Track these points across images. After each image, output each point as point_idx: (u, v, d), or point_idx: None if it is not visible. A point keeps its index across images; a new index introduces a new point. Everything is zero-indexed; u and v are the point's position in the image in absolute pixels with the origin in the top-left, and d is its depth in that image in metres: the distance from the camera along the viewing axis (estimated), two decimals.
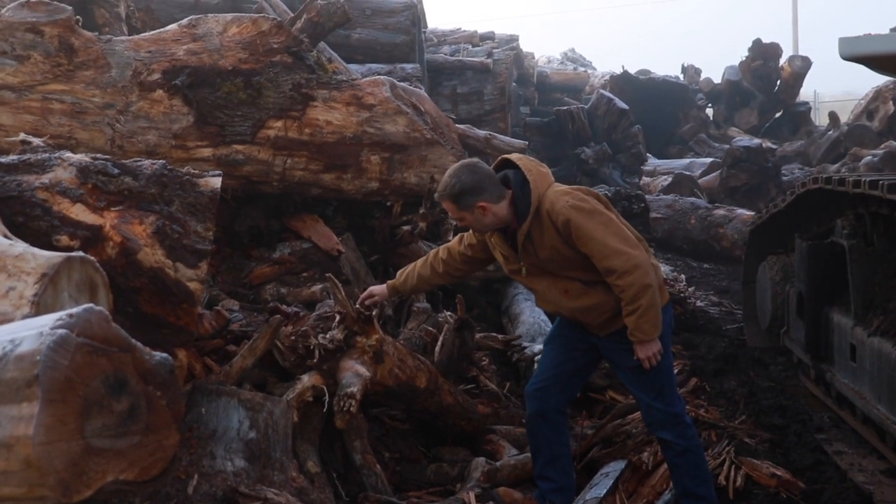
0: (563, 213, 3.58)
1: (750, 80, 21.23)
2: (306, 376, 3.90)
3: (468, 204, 3.69)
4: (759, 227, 6.90)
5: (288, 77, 5.45)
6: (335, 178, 5.60)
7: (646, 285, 3.55)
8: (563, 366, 3.98)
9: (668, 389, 3.81)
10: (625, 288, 3.56)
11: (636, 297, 3.56)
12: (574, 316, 3.82)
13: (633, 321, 3.59)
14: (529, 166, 3.75)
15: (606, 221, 3.62)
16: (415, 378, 4.26)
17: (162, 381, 1.86)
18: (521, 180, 3.71)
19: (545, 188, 3.69)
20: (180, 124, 5.19)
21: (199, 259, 3.34)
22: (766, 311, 6.56)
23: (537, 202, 3.64)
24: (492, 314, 7.32)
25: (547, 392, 3.96)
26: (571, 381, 4.03)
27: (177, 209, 3.38)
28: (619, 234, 3.61)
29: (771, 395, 5.70)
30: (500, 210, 3.71)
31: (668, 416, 3.79)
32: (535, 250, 3.70)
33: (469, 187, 3.68)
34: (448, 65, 13.20)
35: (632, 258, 3.56)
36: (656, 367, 3.71)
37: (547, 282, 3.80)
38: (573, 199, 3.62)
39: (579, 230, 3.57)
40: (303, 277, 5.48)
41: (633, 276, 3.54)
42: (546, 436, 3.97)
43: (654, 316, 3.59)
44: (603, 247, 3.57)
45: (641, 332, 3.60)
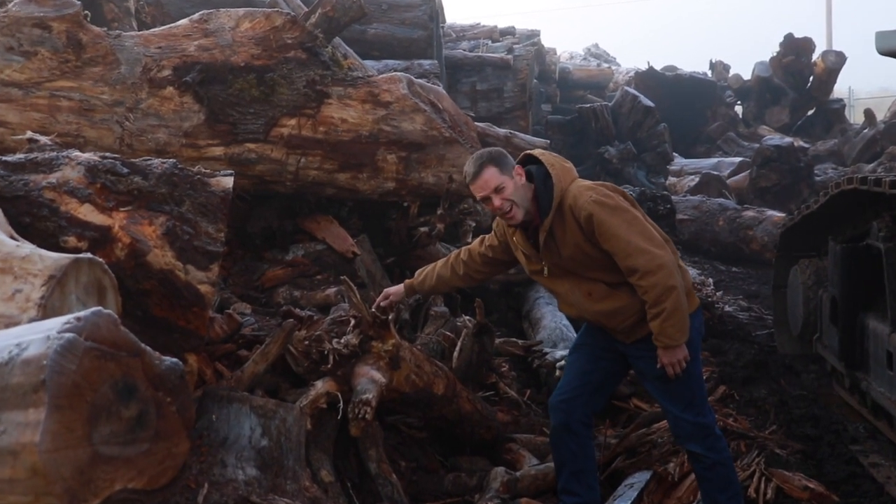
0: (585, 208, 3.56)
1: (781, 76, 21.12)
2: (320, 382, 3.91)
3: (508, 166, 3.67)
4: (790, 229, 6.85)
5: (302, 73, 5.46)
6: (350, 177, 5.60)
7: (670, 287, 3.51)
8: (588, 375, 3.95)
9: (698, 400, 3.77)
10: (648, 289, 3.53)
11: (660, 300, 3.52)
12: (598, 320, 3.80)
13: (658, 325, 3.56)
14: (552, 161, 3.74)
15: (631, 219, 3.60)
16: (432, 385, 4.26)
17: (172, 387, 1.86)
18: (543, 175, 3.70)
19: (568, 183, 3.67)
20: (191, 122, 5.21)
21: (211, 261, 3.35)
22: (797, 317, 6.52)
23: (560, 197, 3.63)
24: (512, 319, 7.31)
25: (572, 403, 3.94)
26: (597, 391, 4.00)
27: (187, 210, 3.39)
28: (643, 233, 3.58)
29: (803, 405, 5.66)
30: (529, 192, 3.69)
31: (697, 427, 3.75)
32: (558, 248, 3.68)
33: (501, 153, 3.71)
34: (467, 61, 13.20)
35: (656, 257, 3.52)
36: (685, 376, 3.67)
37: (569, 284, 3.78)
38: (596, 195, 3.60)
39: (602, 226, 3.55)
40: (317, 280, 5.49)
41: (656, 277, 3.51)
42: (571, 449, 3.94)
43: (679, 320, 3.55)
44: (626, 244, 3.54)
45: (666, 336, 3.56)
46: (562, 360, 5.38)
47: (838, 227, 6.06)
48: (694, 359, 3.70)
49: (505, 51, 13.84)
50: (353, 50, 8.70)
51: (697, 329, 3.75)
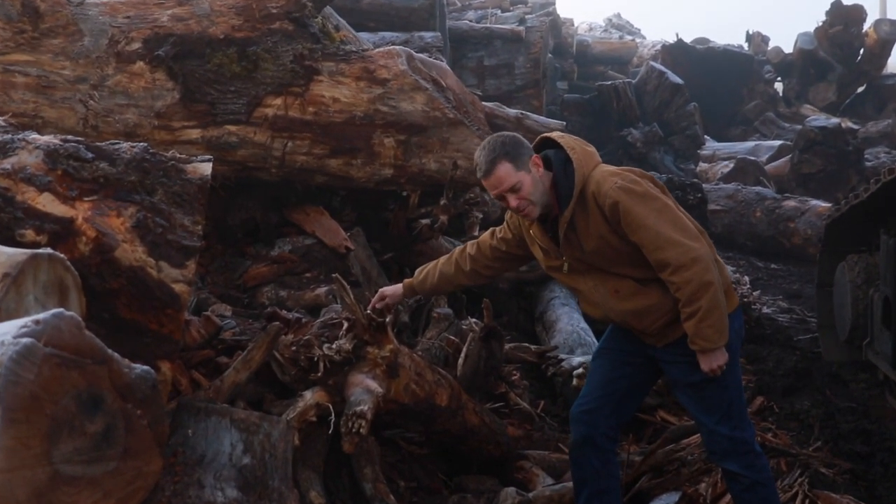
0: (610, 195, 3.54)
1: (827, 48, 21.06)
2: (309, 393, 3.90)
3: (524, 160, 3.65)
4: (836, 220, 6.83)
5: (289, 47, 5.45)
6: (343, 163, 5.60)
7: (706, 282, 3.49)
8: (614, 384, 3.93)
9: (736, 412, 3.75)
10: (681, 285, 3.51)
11: (695, 297, 3.50)
12: (626, 321, 3.78)
13: (693, 326, 3.54)
14: (572, 144, 3.72)
15: (661, 207, 3.58)
16: (434, 395, 4.25)
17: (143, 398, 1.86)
18: (563, 160, 3.69)
19: (590, 168, 3.65)
20: (164, 101, 5.21)
21: (186, 257, 3.34)
22: (845, 320, 6.50)
23: (581, 184, 3.61)
24: (524, 321, 7.31)
25: (595, 415, 3.92)
26: (624, 401, 3.98)
27: (160, 199, 3.39)
28: (675, 223, 3.56)
29: (851, 418, 5.65)
30: (547, 179, 3.68)
31: (735, 443, 3.73)
32: (580, 241, 3.67)
33: (517, 142, 3.68)
34: (473, 33, 13.19)
35: (690, 250, 3.50)
36: (722, 385, 3.65)
37: (593, 281, 3.76)
38: (622, 181, 3.59)
39: (629, 215, 3.53)
40: (305, 278, 5.49)
41: (690, 272, 3.48)
42: (593, 466, 3.93)
43: (717, 319, 3.53)
44: (656, 236, 3.52)
45: (703, 338, 3.54)
46: (579, 368, 5.38)
47: (891, 218, 6.05)
48: (732, 365, 3.67)
49: (516, 21, 13.83)
50: (345, 21, 8.69)
51: (737, 332, 3.73)
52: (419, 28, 10.77)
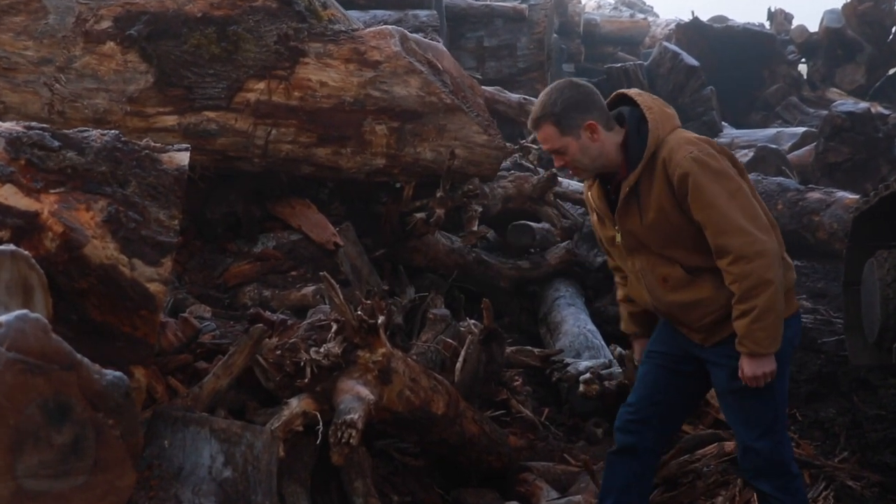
0: (682, 165, 3.49)
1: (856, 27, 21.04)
2: (295, 400, 3.90)
3: (573, 124, 3.62)
4: (865, 213, 6.84)
5: (272, 27, 5.45)
6: (331, 153, 5.60)
7: (767, 280, 3.44)
8: (663, 394, 3.93)
9: (778, 428, 3.72)
10: (739, 278, 3.47)
11: (751, 294, 3.46)
12: (672, 314, 3.77)
13: (745, 326, 3.50)
14: (650, 104, 3.69)
15: (735, 189, 3.52)
16: (430, 402, 4.26)
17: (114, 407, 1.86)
18: (638, 119, 3.66)
19: (667, 131, 3.61)
20: (137, 85, 5.20)
21: (162, 254, 3.34)
22: (874, 320, 6.50)
23: (654, 147, 3.57)
24: (526, 323, 7.32)
25: (643, 426, 3.93)
26: (673, 414, 4.00)
27: (133, 192, 3.38)
28: (747, 209, 3.51)
29: (881, 427, 5.66)
30: (610, 143, 3.66)
31: (771, 462, 3.71)
32: (640, 210, 3.63)
33: (574, 102, 3.64)
34: (472, 11, 13.18)
35: (756, 242, 3.45)
36: (768, 397, 3.63)
37: (641, 262, 3.74)
38: (699, 152, 3.53)
39: (698, 191, 3.48)
40: (291, 277, 5.49)
41: (752, 265, 3.44)
42: (626, 477, 3.94)
43: (772, 323, 3.49)
44: (722, 219, 3.47)
45: (753, 341, 3.50)
46: (586, 373, 5.39)
47: None
48: (780, 375, 3.64)
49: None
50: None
51: (790, 339, 3.68)
52: (413, 6, 10.76)
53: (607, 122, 3.67)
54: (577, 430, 5.53)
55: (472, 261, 7.02)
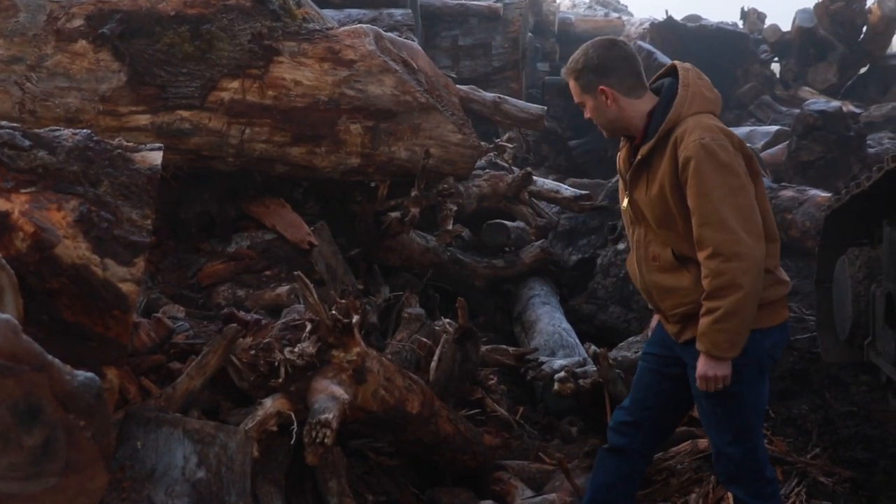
0: (689, 148, 3.48)
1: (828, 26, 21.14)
2: (269, 400, 3.89)
3: (590, 85, 3.72)
4: (837, 211, 6.87)
5: (246, 25, 5.43)
6: (306, 152, 5.59)
7: (737, 284, 3.41)
8: (657, 398, 3.92)
9: (750, 435, 3.71)
10: (711, 274, 3.44)
11: (719, 293, 3.44)
12: (650, 295, 3.78)
13: (706, 324, 3.49)
14: (689, 81, 3.70)
15: (736, 187, 3.48)
16: (405, 402, 4.25)
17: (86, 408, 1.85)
18: (672, 92, 3.68)
19: (691, 111, 3.61)
20: (110, 84, 5.18)
21: (135, 254, 3.32)
22: (845, 318, 6.54)
23: (673, 123, 3.58)
24: (501, 321, 7.33)
25: (636, 429, 3.94)
26: (666, 418, 4.00)
27: (105, 192, 3.37)
28: (742, 210, 3.47)
29: (852, 423, 5.69)
30: (632, 109, 3.70)
31: (744, 468, 3.71)
32: (648, 182, 3.65)
33: (594, 64, 3.72)
34: (447, 10, 13.17)
35: (739, 243, 3.42)
36: (740, 403, 3.62)
37: (640, 234, 3.76)
38: (710, 139, 3.50)
39: (697, 177, 3.46)
40: (265, 277, 5.47)
41: (727, 265, 3.42)
42: (612, 477, 3.96)
43: (734, 328, 3.47)
44: (711, 211, 3.45)
45: (710, 341, 3.49)
46: (561, 372, 5.39)
47: (895, 208, 6.09)
48: (756, 383, 3.64)
49: None
50: None
51: (768, 351, 3.66)
52: (388, 5, 10.74)
53: (630, 89, 3.71)
54: (552, 429, 5.54)
55: (447, 260, 7.03)
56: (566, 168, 12.83)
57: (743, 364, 3.58)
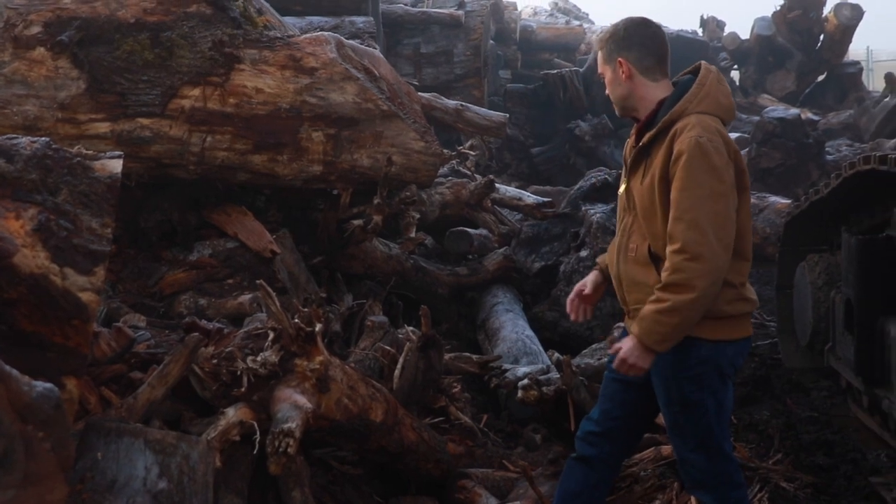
0: (685, 142, 3.49)
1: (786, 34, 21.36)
2: (232, 410, 3.88)
3: (611, 55, 3.76)
4: (796, 218, 6.94)
5: (207, 33, 5.41)
6: (267, 160, 5.57)
7: (692, 286, 3.42)
8: (621, 409, 3.91)
9: (717, 439, 3.71)
10: (671, 268, 3.45)
11: (673, 288, 3.44)
12: (618, 283, 3.78)
13: (648, 311, 3.50)
14: (707, 80, 3.70)
15: (718, 193, 3.48)
16: (369, 410, 4.24)
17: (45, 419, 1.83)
18: (686, 87, 3.69)
19: (698, 109, 3.61)
20: (68, 92, 5.14)
21: (94, 263, 3.30)
22: (805, 324, 6.60)
23: (676, 115, 3.58)
24: (465, 329, 7.33)
25: (603, 440, 3.92)
26: (635, 427, 3.99)
27: (65, 200, 3.34)
28: (717, 217, 3.46)
29: (813, 428, 5.74)
30: (644, 89, 3.72)
31: (708, 474, 3.72)
32: (644, 171, 3.66)
33: (620, 35, 3.75)
34: (409, 18, 13.20)
35: (706, 246, 3.42)
36: (701, 410, 3.63)
37: (627, 222, 3.76)
38: (708, 139, 3.50)
39: (684, 171, 3.46)
40: (227, 285, 5.45)
41: (689, 264, 3.42)
42: (579, 485, 3.93)
43: (672, 325, 3.48)
44: (687, 208, 3.45)
45: (646, 330, 3.51)
46: (525, 379, 5.40)
47: (853, 215, 6.15)
48: (718, 390, 3.66)
49: (455, 5, 13.84)
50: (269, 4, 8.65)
51: (730, 359, 3.68)
52: (350, 12, 10.75)
53: (647, 69, 3.73)
54: (516, 437, 5.54)
55: (410, 267, 7.03)
56: (528, 175, 12.88)
57: (705, 372, 3.61)
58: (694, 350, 3.60)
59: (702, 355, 3.60)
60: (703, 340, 3.60)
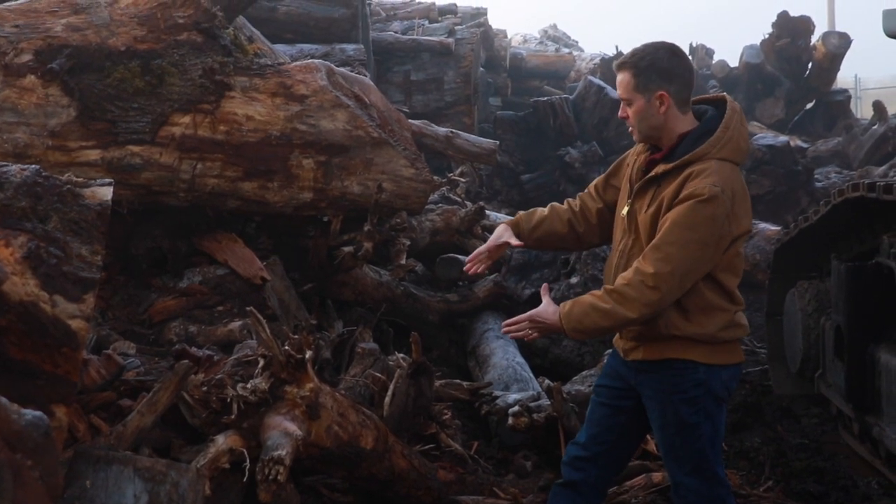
0: (700, 186, 3.48)
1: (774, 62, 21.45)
2: (221, 437, 3.86)
3: (649, 85, 3.64)
4: (786, 245, 6.96)
5: (197, 60, 5.43)
6: (258, 187, 5.57)
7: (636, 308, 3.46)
8: (611, 432, 3.89)
9: (709, 466, 3.71)
10: (631, 282, 3.47)
11: (620, 298, 3.47)
12: None
13: (589, 298, 3.55)
14: (732, 124, 3.68)
15: (705, 242, 3.50)
16: (359, 437, 4.23)
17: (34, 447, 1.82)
18: (710, 126, 3.66)
19: (720, 155, 3.59)
20: (59, 119, 5.14)
21: (84, 290, 3.29)
22: (796, 350, 6.61)
23: (697, 157, 3.56)
24: (455, 356, 7.32)
25: (590, 465, 3.90)
26: (620, 452, 3.96)
27: (55, 227, 3.34)
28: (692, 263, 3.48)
29: (804, 455, 5.74)
30: (675, 122, 3.67)
31: (704, 498, 3.70)
32: (651, 200, 3.64)
33: (663, 66, 3.66)
34: (399, 45, 13.24)
35: (667, 285, 3.45)
36: (695, 434, 3.64)
37: (628, 244, 3.73)
38: (721, 192, 3.49)
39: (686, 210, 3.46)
40: (217, 312, 5.44)
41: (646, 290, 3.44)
42: None
43: (595, 325, 3.53)
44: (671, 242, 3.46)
45: (571, 310, 3.54)
46: (515, 406, 5.39)
47: (843, 242, 6.17)
48: (713, 414, 3.67)
49: (445, 33, 13.89)
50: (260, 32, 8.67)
51: (724, 382, 3.69)
52: (340, 40, 10.77)
53: (683, 102, 3.69)
54: (507, 464, 5.53)
55: (401, 294, 7.02)
56: (519, 202, 12.89)
57: (701, 395, 3.62)
58: (690, 373, 3.61)
59: (698, 378, 3.61)
60: (698, 364, 3.61)
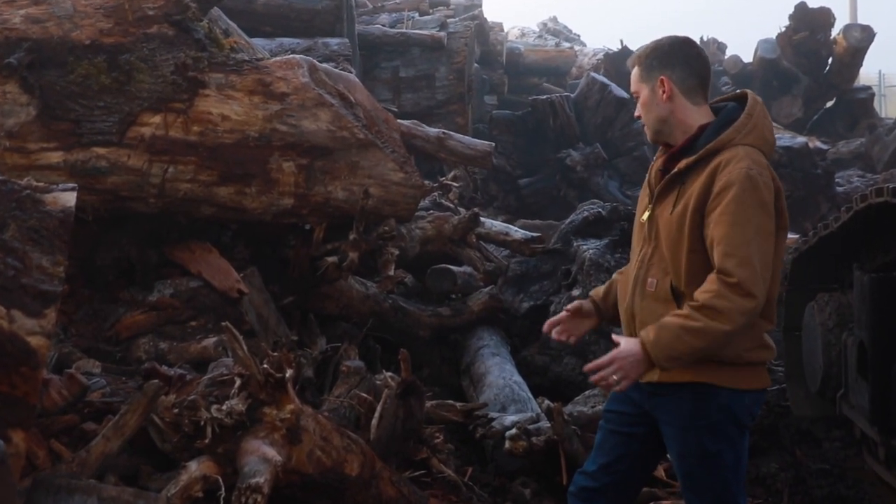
0: (735, 174, 3.48)
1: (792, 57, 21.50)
2: (194, 463, 3.86)
3: (651, 72, 3.71)
4: (804, 254, 6.96)
5: (169, 55, 5.43)
6: (234, 192, 5.57)
7: (732, 319, 3.41)
8: (620, 462, 3.88)
9: (733, 495, 3.70)
10: (717, 294, 3.41)
11: (711, 313, 3.41)
12: (628, 320, 3.74)
13: (674, 323, 3.46)
14: (755, 112, 3.70)
15: (767, 232, 3.51)
16: (344, 463, 4.23)
17: None
18: (732, 115, 3.69)
19: (746, 141, 3.60)
20: (17, 119, 5.14)
21: (45, 304, 3.29)
22: (815, 368, 6.61)
23: (722, 145, 3.57)
24: (448, 375, 7.31)
25: (599, 496, 3.89)
26: (629, 482, 3.95)
27: (12, 236, 3.33)
28: (765, 255, 3.49)
29: (825, 482, 5.74)
30: (684, 113, 3.70)
31: None
32: (676, 200, 3.63)
33: (663, 51, 3.73)
34: (387, 40, 13.25)
35: (758, 288, 3.43)
36: (718, 464, 3.63)
37: (648, 252, 3.71)
38: (758, 173, 3.50)
39: (734, 205, 3.44)
40: (190, 328, 5.44)
41: (738, 300, 3.40)
42: None
43: (691, 349, 3.45)
44: (740, 244, 3.43)
45: (661, 338, 3.44)
46: (513, 428, 5.39)
47: (866, 251, 6.18)
48: (736, 442, 3.66)
49: (437, 26, 13.90)
50: (237, 24, 8.68)
51: (748, 407, 3.69)
52: (324, 34, 10.78)
53: (690, 90, 3.71)
54: (504, 491, 5.52)
55: (389, 308, 7.02)
56: (516, 208, 12.89)
57: (723, 420, 3.60)
58: (713, 398, 3.59)
59: (721, 403, 3.59)
60: (722, 388, 3.58)
